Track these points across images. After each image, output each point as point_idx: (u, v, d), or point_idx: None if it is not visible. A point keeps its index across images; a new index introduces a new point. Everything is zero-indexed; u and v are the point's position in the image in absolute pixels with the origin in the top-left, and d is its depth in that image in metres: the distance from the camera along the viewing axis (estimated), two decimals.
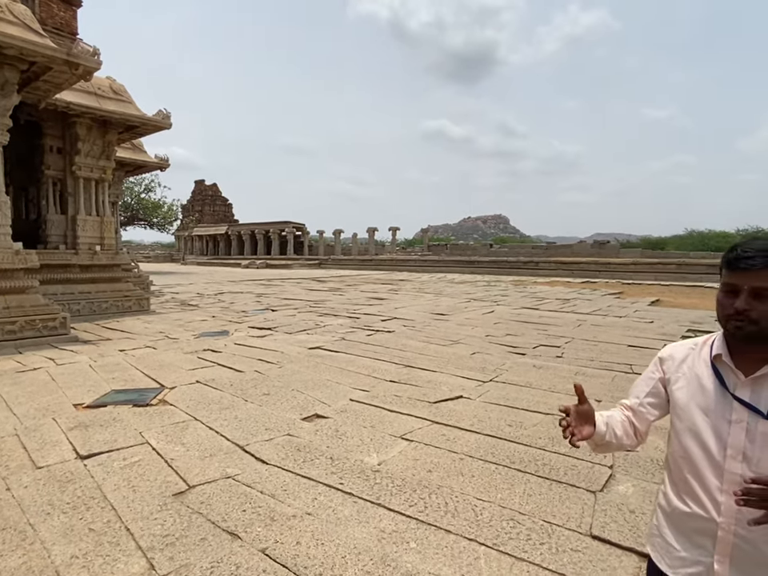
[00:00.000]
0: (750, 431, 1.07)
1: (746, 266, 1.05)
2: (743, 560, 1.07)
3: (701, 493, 1.13)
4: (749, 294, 1.05)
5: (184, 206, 56.98)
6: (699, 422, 1.14)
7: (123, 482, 2.97)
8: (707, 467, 1.12)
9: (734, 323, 1.09)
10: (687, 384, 1.19)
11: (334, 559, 2.25)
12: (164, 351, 6.94)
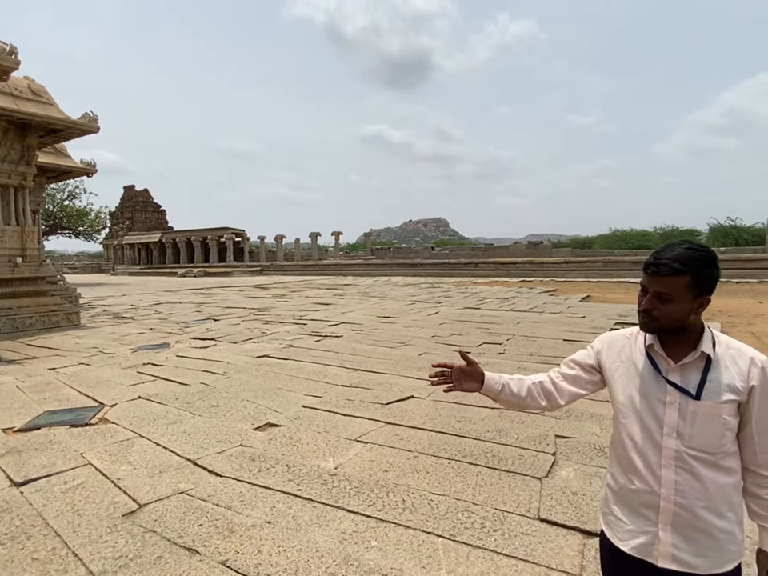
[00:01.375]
0: (681, 411, 1.22)
1: (652, 271, 1.21)
2: (683, 526, 1.22)
3: (643, 469, 1.26)
4: (653, 295, 1.21)
5: (113, 213, 53.82)
6: (639, 406, 1.28)
7: (66, 507, 2.82)
8: (648, 445, 1.26)
9: (641, 318, 1.26)
10: (626, 371, 1.33)
11: (296, 564, 2.26)
12: (100, 367, 6.57)
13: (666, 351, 1.26)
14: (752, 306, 12.47)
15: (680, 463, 1.20)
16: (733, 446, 1.20)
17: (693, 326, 1.23)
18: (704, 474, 1.19)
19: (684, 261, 1.17)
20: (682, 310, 1.19)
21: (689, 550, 1.20)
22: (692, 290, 1.18)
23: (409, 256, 37.74)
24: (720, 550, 1.19)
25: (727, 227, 35.43)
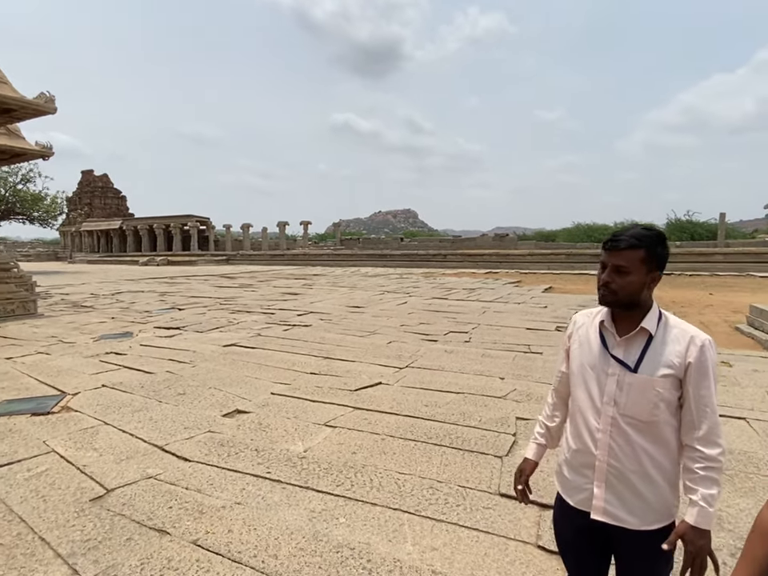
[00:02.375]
0: (619, 382, 1.35)
1: (611, 246, 1.33)
2: (614, 485, 1.36)
3: (585, 433, 1.40)
4: (612, 269, 1.33)
5: (70, 198, 51.58)
6: (587, 376, 1.41)
7: (31, 494, 2.79)
8: (590, 412, 1.39)
9: (600, 292, 1.37)
10: (580, 345, 1.46)
11: (267, 541, 2.33)
12: (60, 356, 6.39)
13: (617, 327, 1.38)
14: (703, 298, 13.16)
15: (615, 429, 1.34)
16: (669, 417, 1.33)
17: (644, 303, 1.35)
18: (636, 440, 1.33)
19: (639, 237, 1.30)
20: (637, 282, 1.31)
21: (619, 506, 1.34)
22: (646, 263, 1.30)
23: (378, 247, 37.80)
24: (648, 511, 1.33)
25: (683, 222, 37.09)
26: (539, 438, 1.59)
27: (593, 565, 1.46)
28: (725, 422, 3.83)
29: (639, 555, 1.35)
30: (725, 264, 23.74)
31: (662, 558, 1.32)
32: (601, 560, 1.45)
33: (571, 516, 1.44)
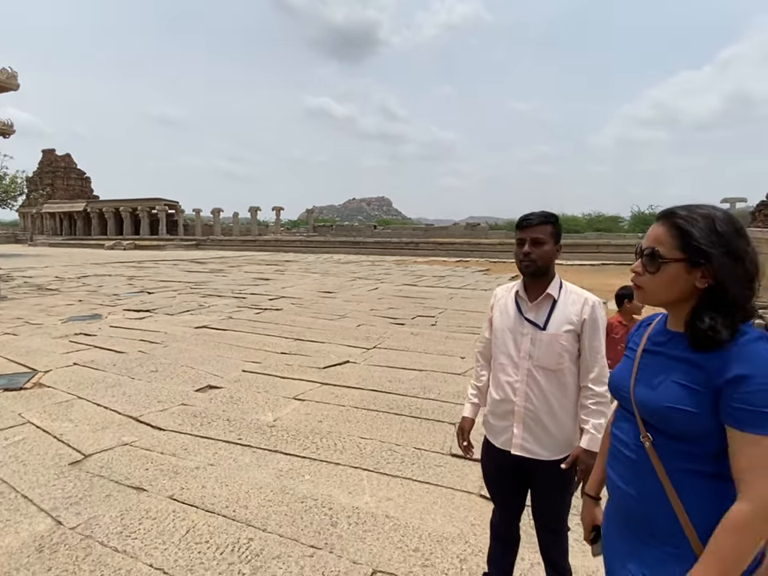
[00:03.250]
0: (533, 339, 1.63)
1: (527, 223, 1.61)
2: (530, 425, 1.65)
3: (506, 385, 1.68)
4: (530, 242, 1.60)
5: (30, 178, 49.48)
6: (506, 337, 1.69)
7: (10, 459, 2.94)
8: (510, 367, 1.68)
9: (523, 263, 1.63)
10: (500, 312, 1.74)
11: (238, 495, 2.57)
12: (29, 337, 6.40)
13: (528, 295, 1.67)
14: None
15: (530, 379, 1.63)
16: (571, 365, 1.63)
17: (551, 273, 1.65)
18: (546, 387, 1.62)
19: (547, 215, 1.62)
20: (550, 251, 1.60)
21: (533, 442, 1.64)
22: (554, 236, 1.61)
23: (351, 234, 37.84)
24: (555, 444, 1.63)
25: (647, 215, 38.39)
26: (473, 398, 1.87)
27: (513, 497, 1.76)
28: None
29: (549, 483, 1.65)
30: None
31: (566, 485, 1.62)
32: (519, 493, 1.76)
33: (495, 455, 1.73)
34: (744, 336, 0.90)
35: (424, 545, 2.20)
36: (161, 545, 2.16)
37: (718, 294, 0.92)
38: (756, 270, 0.91)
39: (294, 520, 2.36)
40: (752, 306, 0.93)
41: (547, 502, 1.69)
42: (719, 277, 0.91)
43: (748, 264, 0.91)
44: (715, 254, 0.90)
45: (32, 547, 2.14)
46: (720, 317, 0.90)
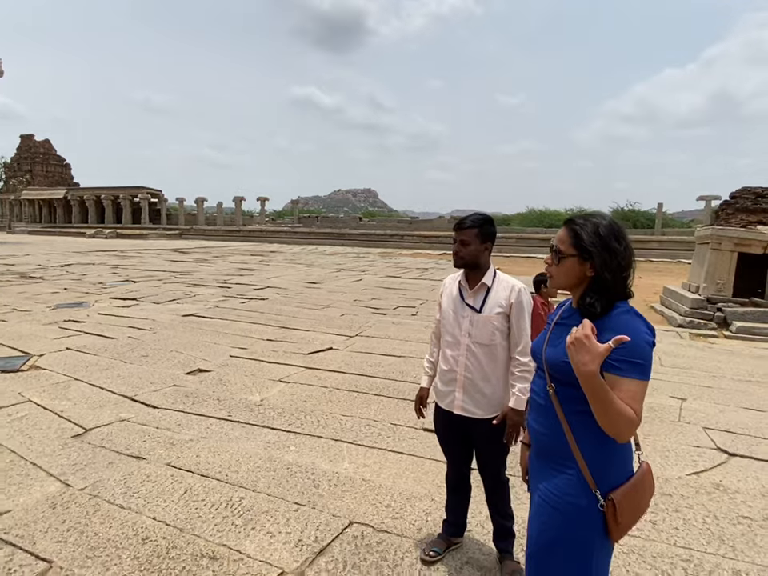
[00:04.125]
0: (471, 320, 1.97)
1: (458, 227, 1.96)
2: (469, 390, 1.98)
3: (450, 358, 2.02)
4: (459, 242, 1.95)
5: (8, 164, 48.42)
6: (450, 318, 2.03)
7: (16, 432, 3.17)
8: (453, 343, 2.01)
9: (455, 259, 1.98)
10: (447, 298, 2.08)
11: (229, 462, 2.85)
12: (18, 323, 6.54)
13: (468, 284, 2.00)
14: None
15: (469, 353, 1.96)
16: (502, 341, 1.96)
17: (484, 266, 1.97)
18: (481, 359, 1.96)
19: (474, 220, 1.95)
20: (476, 250, 1.94)
21: (471, 404, 1.98)
22: (479, 237, 1.94)
23: (336, 226, 37.96)
24: (490, 405, 1.97)
25: (627, 211, 39.17)
26: (428, 371, 2.20)
27: (460, 452, 2.14)
28: None
29: (486, 437, 2.00)
30: (660, 251, 25.58)
31: (500, 439, 1.96)
32: (464, 447, 2.12)
33: (443, 416, 2.09)
34: (616, 309, 1.21)
35: (395, 502, 2.51)
36: (162, 503, 2.44)
37: (599, 281, 1.23)
38: (627, 264, 1.23)
39: (280, 483, 2.65)
40: (628, 289, 1.25)
41: (487, 454, 2.05)
42: (598, 268, 1.22)
43: (620, 259, 1.22)
44: (595, 251, 1.22)
45: (45, 504, 2.40)
46: (598, 296, 1.22)
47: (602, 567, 1.25)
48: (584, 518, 1.21)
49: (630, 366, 1.15)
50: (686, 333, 7.08)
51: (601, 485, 1.20)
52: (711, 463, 3.02)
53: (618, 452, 1.22)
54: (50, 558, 2.03)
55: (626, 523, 1.20)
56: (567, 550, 1.23)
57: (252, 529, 2.25)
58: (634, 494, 1.20)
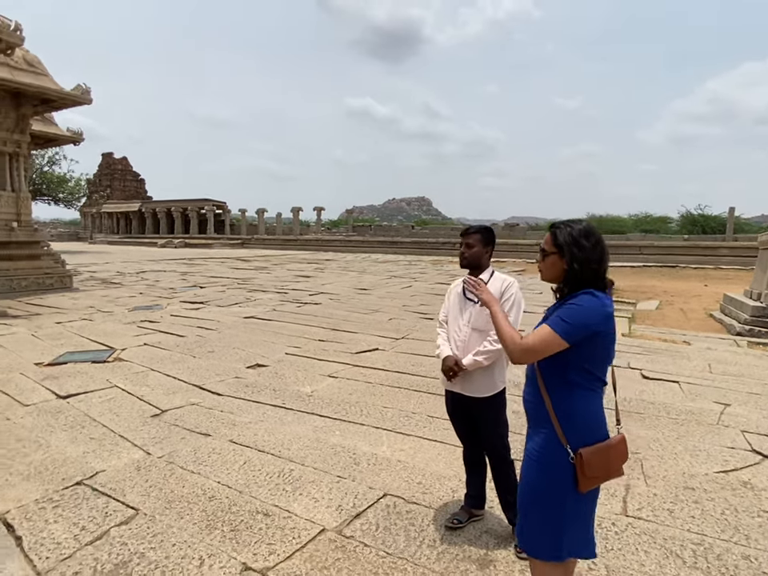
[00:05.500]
0: (471, 312, 2.28)
1: (464, 233, 2.31)
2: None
3: (453, 343, 2.33)
4: (465, 245, 2.29)
5: (91, 180, 52.98)
6: (456, 310, 2.35)
7: (106, 411, 3.73)
8: (457, 330, 2.32)
9: (461, 260, 2.31)
10: (453, 295, 2.42)
11: (282, 441, 3.24)
12: (102, 322, 7.38)
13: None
14: (695, 288, 13.78)
15: (469, 339, 2.26)
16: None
17: (484, 265, 2.30)
18: (478, 343, 2.24)
19: (477, 228, 2.31)
20: (478, 252, 2.28)
21: (469, 383, 2.28)
22: (482, 242, 2.27)
23: (389, 234, 38.53)
24: (482, 385, 2.26)
25: (696, 216, 37.01)
26: (445, 344, 2.44)
27: (466, 430, 2.43)
28: (660, 384, 4.63)
29: (481, 414, 2.31)
30: (730, 258, 24.04)
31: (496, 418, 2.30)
32: (469, 427, 2.41)
33: (450, 396, 2.42)
34: (581, 292, 1.46)
35: (426, 480, 2.78)
36: (225, 470, 2.85)
37: (570, 271, 1.48)
38: (595, 259, 1.47)
39: (325, 459, 3.00)
40: (599, 280, 1.49)
41: (484, 430, 2.34)
42: (568, 260, 1.47)
43: (588, 254, 1.47)
44: (566, 247, 1.47)
45: (132, 467, 2.88)
46: (568, 284, 1.48)
47: (577, 515, 1.48)
48: (557, 468, 1.45)
49: (558, 319, 1.44)
50: (744, 341, 6.82)
51: (571, 441, 1.44)
52: (743, 463, 3.05)
53: (587, 417, 1.46)
54: (136, 507, 2.47)
55: (593, 477, 1.43)
56: (543, 496, 1.47)
57: (299, 494, 2.60)
58: (601, 454, 1.43)
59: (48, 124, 15.14)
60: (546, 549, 1.49)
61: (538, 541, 1.50)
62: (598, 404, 1.49)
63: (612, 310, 1.47)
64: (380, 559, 2.10)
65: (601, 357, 1.48)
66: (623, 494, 2.64)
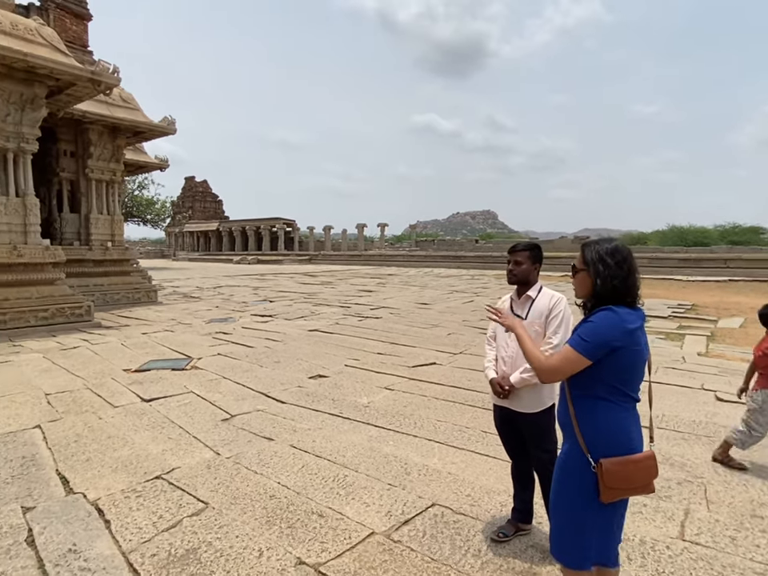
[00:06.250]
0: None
1: (512, 250, 2.36)
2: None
3: (500, 360, 2.37)
4: (514, 262, 2.33)
5: (174, 202, 57.49)
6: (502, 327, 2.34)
7: (182, 414, 4.10)
8: (504, 347, 2.37)
9: (509, 277, 2.35)
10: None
11: (338, 448, 3.41)
12: (182, 333, 8.03)
13: (517, 296, 2.38)
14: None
15: (518, 354, 2.27)
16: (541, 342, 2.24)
17: (532, 281, 2.33)
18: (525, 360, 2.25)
19: (526, 245, 2.34)
20: (527, 269, 2.31)
21: (516, 399, 2.31)
22: (530, 258, 2.31)
23: (452, 248, 38.39)
24: (531, 400, 2.28)
25: None
26: (491, 365, 2.50)
27: (514, 445, 2.47)
28: (736, 407, 4.33)
29: (530, 430, 2.33)
30: None
31: (543, 434, 2.31)
32: (517, 438, 2.44)
33: (498, 411, 2.46)
34: (601, 308, 1.51)
35: (475, 493, 2.83)
36: (284, 472, 3.05)
37: (595, 287, 1.52)
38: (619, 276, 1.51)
39: (377, 467, 3.12)
40: (629, 296, 1.52)
41: (533, 446, 2.36)
42: (592, 276, 1.52)
43: (610, 271, 1.51)
44: (591, 264, 1.52)
45: (203, 465, 3.16)
46: (592, 300, 1.53)
47: (600, 524, 1.51)
48: (579, 476, 1.50)
49: (577, 338, 1.50)
50: None
51: (593, 452, 1.48)
52: None
53: (611, 430, 1.50)
54: (206, 501, 2.73)
55: (614, 487, 1.45)
56: (567, 503, 1.52)
57: (352, 498, 2.74)
58: (623, 466, 1.45)
59: (138, 153, 16.74)
60: (569, 555, 1.53)
61: (563, 546, 1.55)
62: (624, 419, 1.51)
63: (635, 326, 1.49)
64: (425, 564, 2.19)
65: (628, 373, 1.51)
66: (681, 519, 2.54)
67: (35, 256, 8.73)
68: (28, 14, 10.80)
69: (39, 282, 8.80)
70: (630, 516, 2.51)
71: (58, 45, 8.74)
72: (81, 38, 12.03)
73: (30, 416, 4.06)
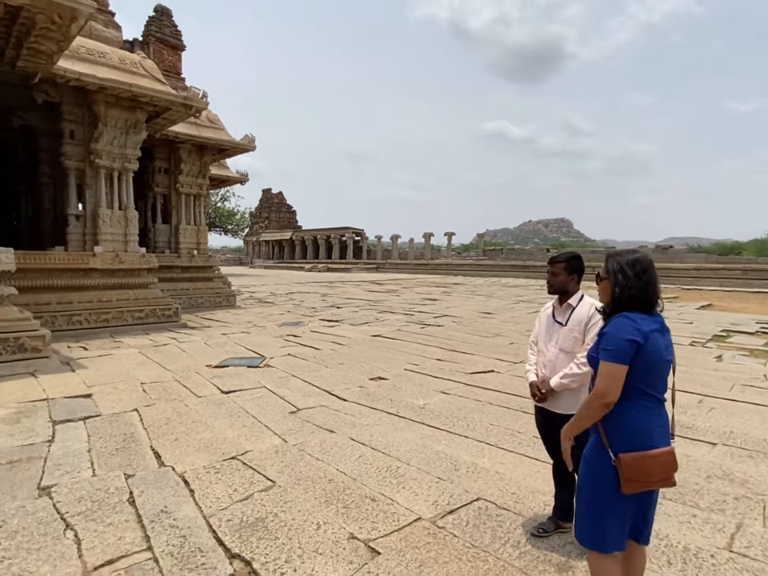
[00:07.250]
0: (559, 333, 2.45)
1: (550, 261, 2.48)
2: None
3: (541, 363, 2.51)
4: (550, 273, 2.46)
5: (252, 213, 60.97)
6: (543, 332, 2.54)
7: (255, 405, 4.54)
8: (545, 351, 2.50)
9: (548, 287, 2.49)
10: (544, 317, 2.60)
11: (393, 443, 3.65)
12: (257, 335, 8.67)
13: (559, 304, 2.50)
14: None
15: (557, 359, 2.41)
16: (579, 347, 2.37)
17: (572, 291, 2.44)
18: (565, 363, 2.39)
19: (563, 257, 2.45)
20: (563, 279, 2.43)
21: (556, 401, 2.44)
22: (567, 270, 2.42)
23: (521, 258, 37.50)
24: (568, 402, 2.38)
25: None
26: (533, 369, 2.63)
27: (553, 442, 2.51)
28: None
29: None
30: None
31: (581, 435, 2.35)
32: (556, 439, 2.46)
33: (539, 412, 2.60)
34: (615, 316, 1.63)
35: (520, 491, 2.95)
36: (343, 461, 3.35)
37: (616, 297, 1.65)
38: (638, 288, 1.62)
39: (428, 462, 3.33)
40: (648, 304, 1.63)
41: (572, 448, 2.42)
42: (611, 283, 1.65)
43: (628, 281, 1.63)
44: (612, 273, 1.65)
45: (272, 450, 3.54)
46: (611, 306, 1.65)
47: (621, 513, 1.63)
48: (600, 468, 1.63)
49: (602, 351, 1.61)
50: None
51: (613, 446, 1.60)
52: None
53: (631, 427, 1.62)
54: (273, 480, 3.08)
55: (633, 480, 1.57)
56: (589, 491, 1.66)
57: (402, 487, 2.97)
58: (641, 461, 1.57)
59: (222, 168, 18.13)
60: (590, 537, 1.66)
61: (584, 529, 1.68)
62: (645, 417, 1.62)
63: (648, 328, 1.61)
64: (465, 548, 2.37)
65: (650, 374, 1.62)
66: (732, 531, 2.52)
67: (134, 262, 9.81)
68: (132, 48, 12.21)
69: (136, 286, 9.87)
70: (676, 525, 2.55)
71: (156, 75, 9.83)
72: (175, 66, 13.36)
73: (129, 401, 4.68)
